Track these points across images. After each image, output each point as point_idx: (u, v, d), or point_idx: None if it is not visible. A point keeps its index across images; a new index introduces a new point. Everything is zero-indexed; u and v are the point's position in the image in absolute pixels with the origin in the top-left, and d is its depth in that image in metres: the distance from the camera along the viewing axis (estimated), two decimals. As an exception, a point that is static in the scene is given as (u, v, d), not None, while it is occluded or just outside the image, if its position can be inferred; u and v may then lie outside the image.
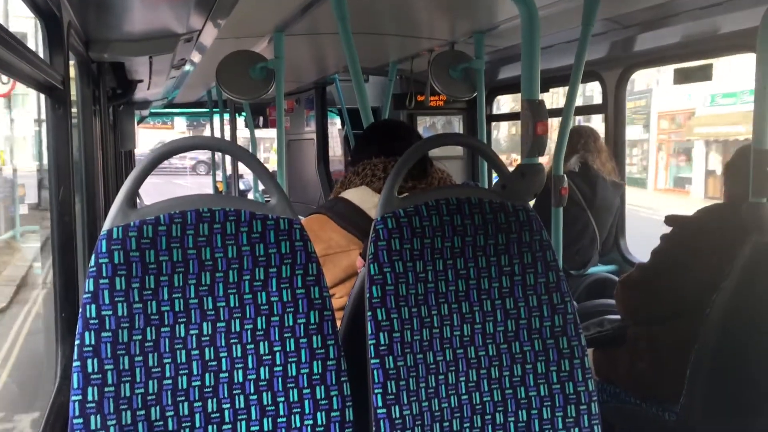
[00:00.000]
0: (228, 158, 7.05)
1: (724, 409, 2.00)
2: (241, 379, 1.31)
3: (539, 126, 1.53)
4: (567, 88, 2.78)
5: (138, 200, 1.34)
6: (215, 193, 7.57)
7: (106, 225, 1.27)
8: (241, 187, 8.05)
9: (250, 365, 1.31)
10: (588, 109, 3.95)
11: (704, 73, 3.03)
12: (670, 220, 2.23)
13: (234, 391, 1.30)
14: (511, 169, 1.64)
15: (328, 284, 1.41)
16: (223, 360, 1.30)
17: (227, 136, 6.66)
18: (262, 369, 1.32)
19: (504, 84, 4.43)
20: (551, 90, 3.89)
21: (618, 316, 2.44)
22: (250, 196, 7.79)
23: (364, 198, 1.89)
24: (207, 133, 9.29)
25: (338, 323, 1.48)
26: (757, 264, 1.90)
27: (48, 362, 2.11)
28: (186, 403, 1.27)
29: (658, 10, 2.61)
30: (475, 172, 4.70)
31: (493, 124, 5.17)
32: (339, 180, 2.05)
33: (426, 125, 5.09)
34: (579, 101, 2.99)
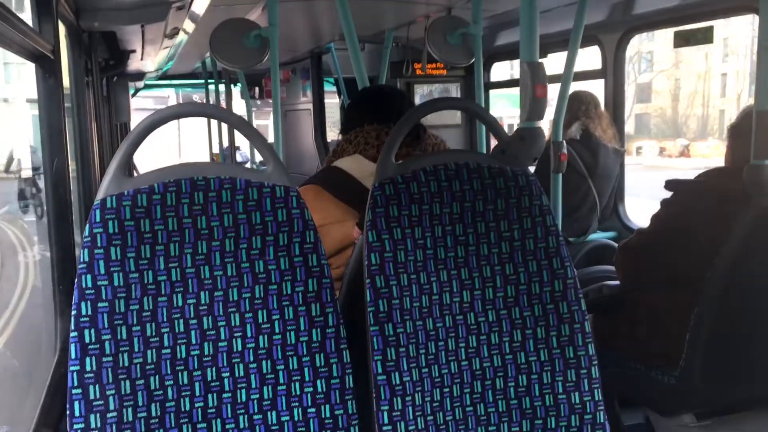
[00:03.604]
0: (224, 130, 7.00)
1: (723, 372, 2.01)
2: (240, 348, 1.30)
3: (538, 88, 1.50)
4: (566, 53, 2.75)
5: (134, 171, 1.32)
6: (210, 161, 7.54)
7: (100, 194, 1.25)
8: (239, 159, 8.00)
9: (248, 334, 1.31)
10: (587, 75, 3.90)
11: (705, 36, 2.98)
12: (670, 184, 2.21)
13: (233, 360, 1.30)
14: None
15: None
16: (222, 329, 1.29)
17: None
18: (261, 337, 1.31)
19: (502, 50, 4.38)
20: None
21: (617, 282, 2.44)
22: (248, 167, 7.74)
23: (358, 166, 1.85)
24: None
25: (337, 294, 1.48)
26: (758, 227, 1.89)
27: (47, 335, 2.11)
28: (185, 373, 1.27)
29: (658, -29, 2.57)
30: (473, 140, 4.67)
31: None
32: (332, 149, 2.02)
33: (423, 93, 5.03)
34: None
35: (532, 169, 1.60)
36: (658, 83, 33.60)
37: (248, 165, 7.76)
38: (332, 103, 6.51)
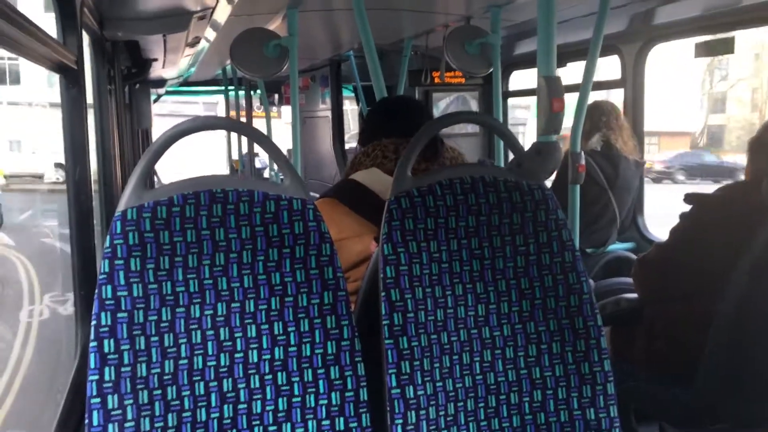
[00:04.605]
0: (244, 137, 7.06)
1: (741, 388, 1.99)
2: (255, 359, 1.31)
3: (555, 102, 1.50)
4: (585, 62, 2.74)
5: (156, 178, 1.34)
6: (230, 173, 7.60)
7: (120, 206, 1.28)
8: (257, 165, 8.06)
9: (264, 345, 1.32)
10: (607, 84, 3.88)
11: (726, 46, 2.96)
12: (689, 197, 2.20)
13: (249, 371, 1.31)
14: None
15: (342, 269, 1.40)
16: (238, 340, 1.31)
17: (243, 113, 6.66)
18: (276, 349, 1.32)
19: (521, 59, 4.37)
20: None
21: (635, 295, 2.42)
22: (266, 174, 7.81)
23: (375, 179, 1.85)
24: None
25: (353, 307, 1.48)
26: None
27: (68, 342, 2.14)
28: (202, 383, 1.28)
29: (679, -18, 2.55)
30: (491, 149, 4.66)
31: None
32: (349, 161, 2.02)
33: (447, 101, 5.02)
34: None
35: (548, 182, 1.60)
36: (737, 93, 32.34)
37: (267, 171, 7.83)
38: (352, 109, 6.53)
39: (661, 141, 27.32)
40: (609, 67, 3.74)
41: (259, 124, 8.12)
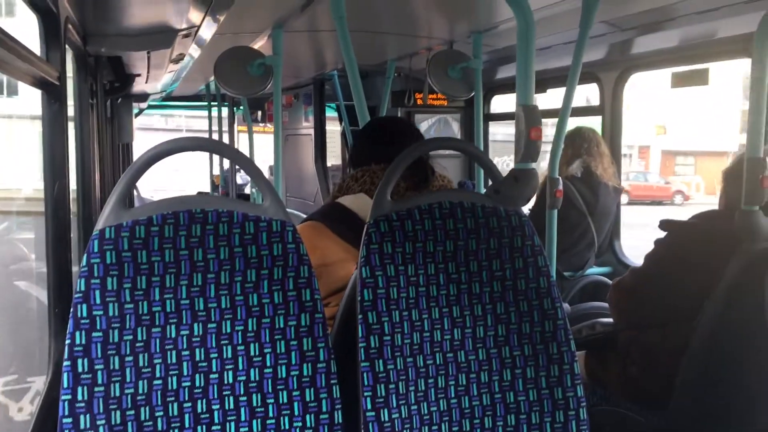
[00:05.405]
0: None
1: (713, 416, 2.01)
2: (231, 380, 1.31)
3: (533, 131, 1.53)
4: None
5: (135, 192, 1.35)
6: (211, 190, 7.56)
7: (99, 225, 1.28)
8: (239, 181, 8.04)
9: (240, 366, 1.32)
10: (585, 111, 3.95)
11: (701, 78, 3.03)
12: (664, 224, 2.23)
13: (224, 392, 1.31)
14: None
15: (324, 294, 1.41)
16: (214, 361, 1.31)
17: (225, 131, 6.65)
18: (252, 370, 1.32)
19: (502, 83, 4.43)
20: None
21: (611, 320, 2.45)
22: (248, 189, 7.79)
23: (362, 205, 1.83)
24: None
25: (330, 330, 1.48)
26: (748, 272, 1.91)
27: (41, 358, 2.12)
28: (176, 404, 1.28)
29: (656, 14, 2.62)
30: (472, 171, 4.70)
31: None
32: (337, 184, 2.01)
33: (425, 125, 5.07)
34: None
35: (525, 209, 1.62)
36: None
37: (248, 187, 7.80)
38: (333, 130, 6.56)
39: (697, 161, 26.83)
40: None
41: (243, 137, 8.10)
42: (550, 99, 3.56)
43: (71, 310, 1.25)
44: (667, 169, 27.53)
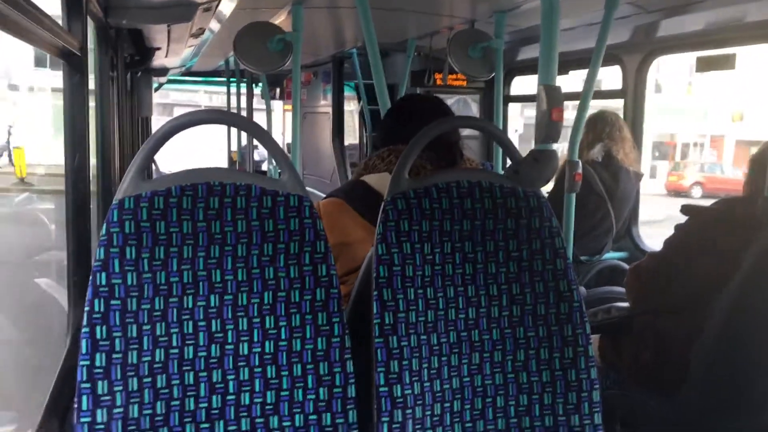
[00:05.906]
0: None
1: (725, 404, 2.00)
2: (246, 352, 1.32)
3: (554, 112, 1.51)
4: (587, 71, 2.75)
5: (154, 166, 1.35)
6: (228, 166, 7.58)
7: (118, 195, 1.29)
8: (256, 158, 8.05)
9: (255, 338, 1.33)
10: (607, 94, 3.89)
11: (727, 62, 2.98)
12: (686, 209, 2.21)
13: (239, 363, 1.32)
14: None
15: (342, 272, 1.40)
16: (229, 332, 1.32)
17: (243, 106, 6.66)
18: (267, 342, 1.33)
19: (523, 65, 4.38)
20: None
21: (626, 304, 2.44)
22: (265, 166, 7.81)
23: (385, 185, 1.79)
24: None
25: (344, 305, 1.49)
26: (766, 259, 1.89)
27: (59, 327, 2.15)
28: (191, 373, 1.30)
29: (683, -4, 2.57)
30: (491, 153, 4.68)
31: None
32: (363, 161, 1.96)
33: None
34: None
35: (544, 190, 1.61)
36: None
37: (265, 164, 7.82)
38: (350, 109, 6.54)
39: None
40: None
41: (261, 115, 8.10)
42: (569, 81, 3.51)
43: (90, 278, 1.27)
44: (740, 161, 26.65)
